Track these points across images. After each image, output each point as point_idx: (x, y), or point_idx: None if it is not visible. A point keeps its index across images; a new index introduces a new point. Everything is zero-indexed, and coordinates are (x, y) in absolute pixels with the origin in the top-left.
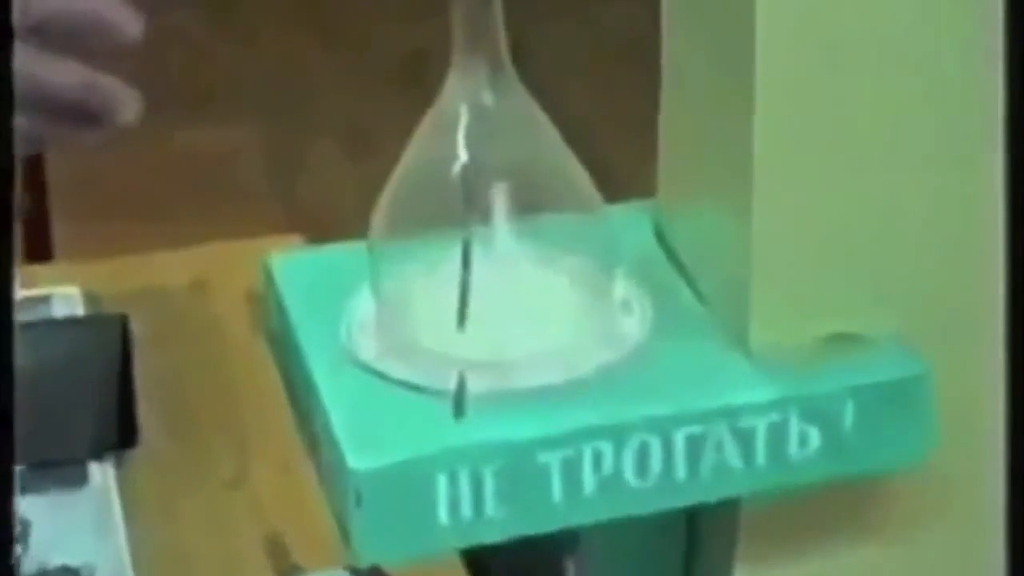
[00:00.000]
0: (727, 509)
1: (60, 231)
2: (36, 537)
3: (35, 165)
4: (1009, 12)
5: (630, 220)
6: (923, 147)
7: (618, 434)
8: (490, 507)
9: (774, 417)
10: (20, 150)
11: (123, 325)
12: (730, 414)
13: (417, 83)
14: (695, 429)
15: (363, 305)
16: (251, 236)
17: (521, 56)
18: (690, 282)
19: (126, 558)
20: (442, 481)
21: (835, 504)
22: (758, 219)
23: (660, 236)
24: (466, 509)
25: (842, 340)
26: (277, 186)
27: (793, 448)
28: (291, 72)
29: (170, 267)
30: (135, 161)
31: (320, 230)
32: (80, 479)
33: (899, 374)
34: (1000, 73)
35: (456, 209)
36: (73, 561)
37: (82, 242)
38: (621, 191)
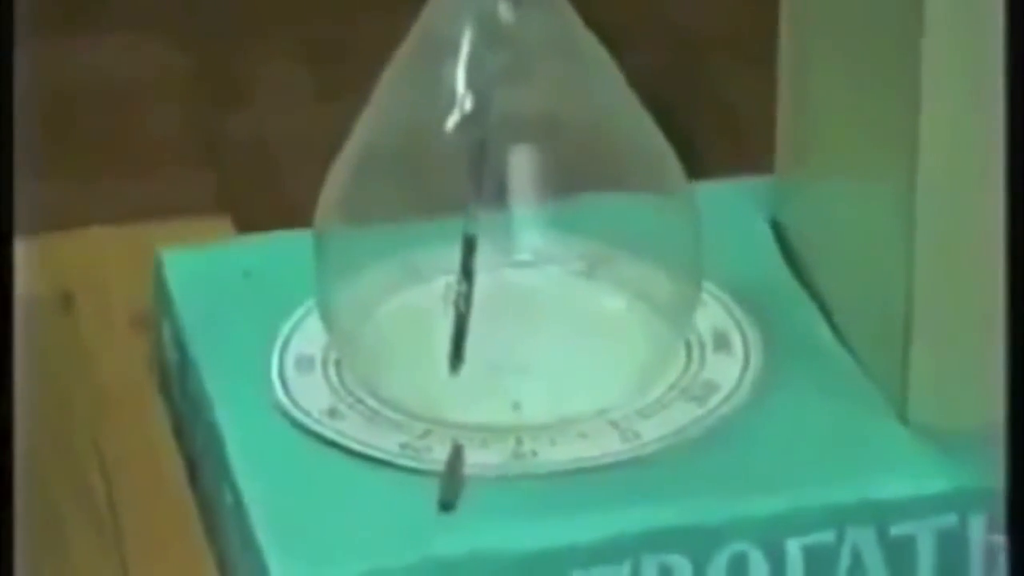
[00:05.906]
0: None
1: None
2: None
3: None
4: (1009, 12)
5: (731, 207)
6: None
7: (698, 543)
8: None
9: (946, 519)
10: None
11: None
12: (876, 513)
13: None
14: (819, 537)
15: (305, 332)
16: (161, 206)
17: None
18: (824, 307)
19: None
20: None
21: None
22: (923, 219)
23: (779, 232)
24: None
25: None
26: (202, 131)
27: (976, 571)
28: None
29: (28, 265)
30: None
31: (259, 200)
32: None
33: None
34: None
35: (453, 186)
36: None
37: None
38: (716, 162)
